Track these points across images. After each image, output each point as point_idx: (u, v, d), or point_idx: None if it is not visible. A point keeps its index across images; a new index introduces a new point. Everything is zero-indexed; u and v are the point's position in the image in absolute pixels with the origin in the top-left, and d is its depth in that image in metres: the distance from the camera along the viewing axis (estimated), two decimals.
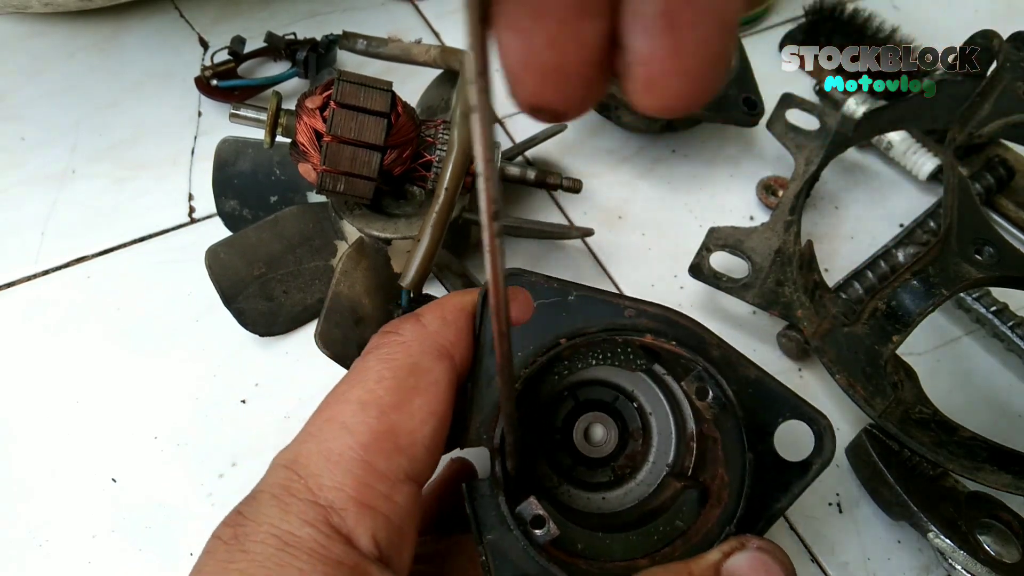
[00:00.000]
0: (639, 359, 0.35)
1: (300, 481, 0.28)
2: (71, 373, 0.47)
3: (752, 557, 0.29)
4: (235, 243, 0.48)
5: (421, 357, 0.31)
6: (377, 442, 0.29)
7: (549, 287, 0.33)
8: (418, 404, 0.30)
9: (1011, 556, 0.41)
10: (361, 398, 0.30)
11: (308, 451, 0.29)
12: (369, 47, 0.53)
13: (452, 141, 0.44)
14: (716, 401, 0.32)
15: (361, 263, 0.46)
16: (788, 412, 0.33)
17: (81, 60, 0.62)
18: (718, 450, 0.33)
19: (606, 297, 0.34)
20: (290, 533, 0.26)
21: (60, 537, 0.42)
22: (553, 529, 0.30)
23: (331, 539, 0.27)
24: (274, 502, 0.27)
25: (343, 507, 0.27)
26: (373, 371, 0.30)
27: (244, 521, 0.27)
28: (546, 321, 0.33)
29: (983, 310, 0.52)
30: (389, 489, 0.28)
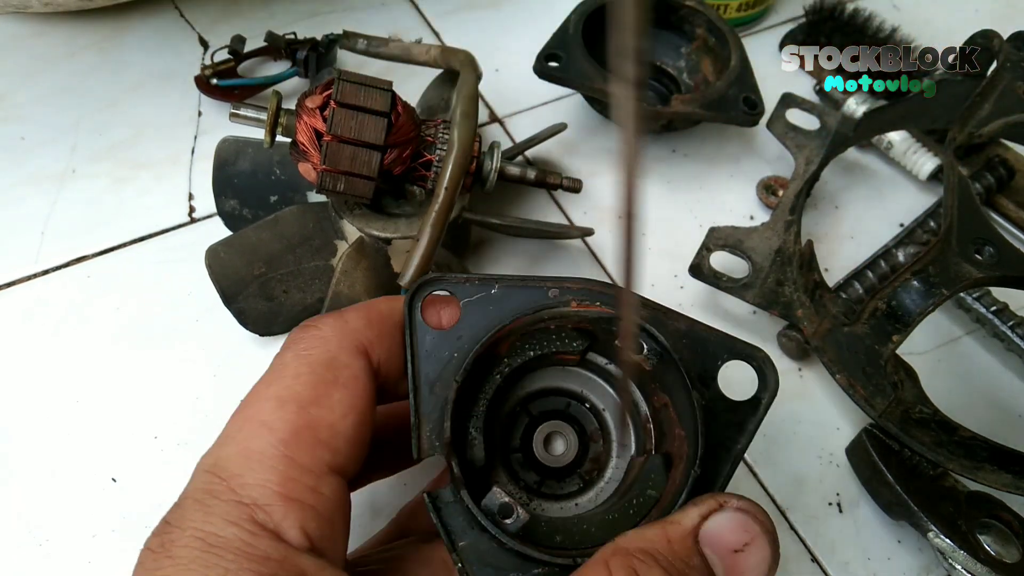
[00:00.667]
0: (574, 341, 0.35)
1: (222, 483, 0.28)
2: (71, 373, 0.47)
3: (731, 518, 0.28)
4: (235, 243, 0.48)
5: (339, 352, 0.31)
6: (297, 437, 0.29)
7: (471, 284, 0.33)
8: (337, 398, 0.30)
9: (1011, 556, 0.41)
10: (279, 395, 0.30)
11: (228, 453, 0.29)
12: (369, 47, 0.53)
13: (452, 140, 0.44)
14: (652, 352, 0.33)
15: (361, 263, 0.46)
16: (726, 354, 0.33)
17: (81, 60, 0.62)
18: (671, 412, 0.33)
19: (528, 283, 0.34)
20: (214, 534, 0.26)
21: (60, 537, 0.42)
22: (523, 515, 0.30)
23: (256, 536, 0.27)
24: (197, 506, 0.27)
25: (268, 503, 0.27)
26: (290, 367, 0.30)
27: (170, 529, 0.27)
28: (475, 319, 0.33)
29: (983, 310, 0.52)
30: (314, 482, 0.28)
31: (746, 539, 0.28)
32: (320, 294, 0.47)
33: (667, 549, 0.28)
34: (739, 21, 0.68)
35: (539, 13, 0.64)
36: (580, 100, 0.62)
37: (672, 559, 0.27)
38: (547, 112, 0.62)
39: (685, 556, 0.28)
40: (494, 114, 0.62)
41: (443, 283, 0.33)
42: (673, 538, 0.28)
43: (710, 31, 0.60)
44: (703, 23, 0.60)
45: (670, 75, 0.62)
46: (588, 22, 0.57)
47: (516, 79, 0.62)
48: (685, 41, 0.62)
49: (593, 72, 0.54)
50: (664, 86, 0.62)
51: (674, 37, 0.62)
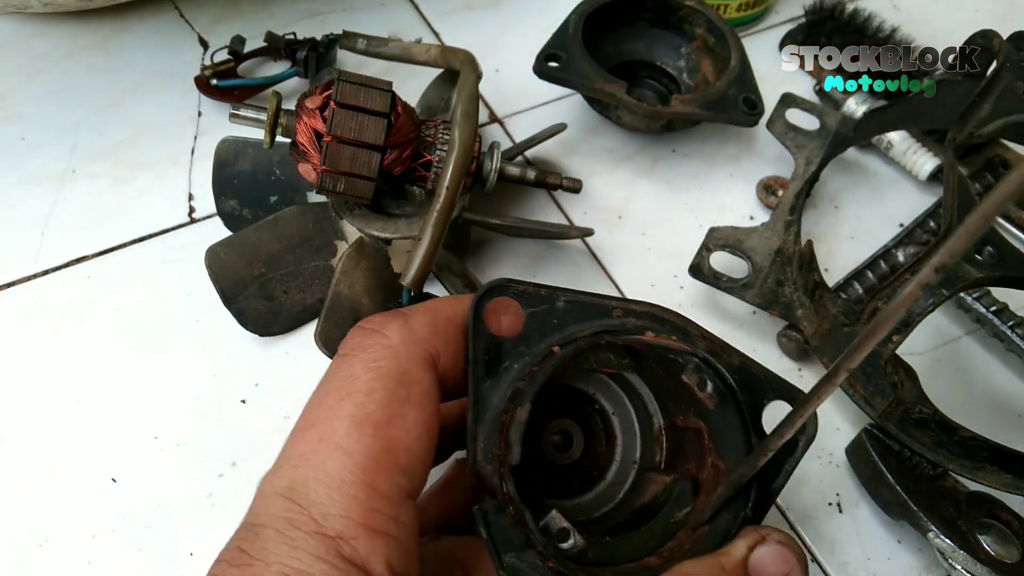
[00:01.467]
0: (623, 359, 0.35)
1: (303, 512, 0.26)
2: (71, 373, 0.47)
3: (774, 550, 0.30)
4: (235, 243, 0.48)
5: (410, 365, 0.30)
6: (376, 463, 0.27)
7: (537, 295, 0.33)
8: (412, 418, 0.29)
9: (1011, 556, 0.41)
10: (353, 414, 0.28)
11: (305, 477, 0.27)
12: (369, 47, 0.53)
13: (453, 140, 0.44)
14: (716, 390, 0.33)
15: (361, 263, 0.46)
16: (772, 393, 0.33)
17: (81, 60, 0.62)
18: (704, 440, 0.33)
19: (594, 300, 0.33)
20: (303, 572, 0.25)
21: (60, 537, 0.42)
22: (579, 540, 0.30)
23: (346, 573, 0.26)
24: (280, 537, 0.26)
25: (353, 536, 0.26)
26: (361, 381, 0.29)
27: (251, 561, 0.26)
28: (538, 330, 0.32)
29: (983, 310, 0.52)
30: (395, 511, 0.27)
31: (786, 570, 0.30)
32: (320, 294, 0.47)
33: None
34: (739, 21, 0.68)
35: (539, 13, 0.64)
36: (580, 100, 0.62)
37: None
38: (547, 112, 0.62)
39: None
40: (494, 114, 0.62)
41: (510, 290, 0.33)
42: (727, 568, 0.29)
43: (710, 31, 0.60)
44: (703, 23, 0.60)
45: (670, 75, 0.62)
46: (588, 22, 0.57)
47: (516, 79, 0.62)
48: (685, 41, 0.62)
49: (593, 72, 0.54)
50: (664, 86, 0.62)
51: (674, 37, 0.62)
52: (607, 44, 0.60)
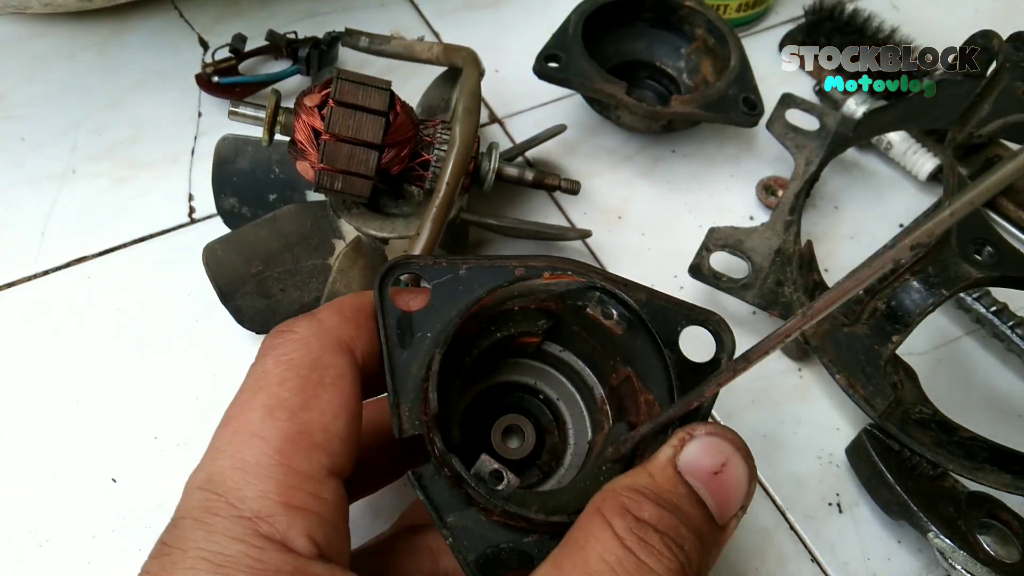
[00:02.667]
0: (539, 320, 0.35)
1: (219, 499, 0.27)
2: (71, 373, 0.47)
3: (703, 443, 0.29)
4: (233, 241, 0.48)
5: (321, 352, 0.30)
6: (292, 443, 0.28)
7: (439, 267, 0.34)
8: (327, 399, 0.29)
9: (1011, 556, 0.41)
10: (266, 403, 0.29)
11: (221, 467, 0.28)
12: (372, 44, 0.53)
13: (454, 136, 0.44)
14: (622, 317, 0.34)
15: (358, 262, 0.46)
16: (684, 320, 0.34)
17: (81, 60, 0.62)
18: (634, 383, 0.34)
19: (495, 261, 0.34)
20: (220, 553, 0.26)
21: (60, 537, 0.42)
22: (513, 479, 0.30)
23: (264, 550, 0.26)
24: (196, 525, 0.26)
25: (271, 514, 0.27)
26: (273, 374, 0.29)
27: (169, 550, 0.26)
28: (444, 300, 0.33)
29: (983, 310, 0.52)
30: (315, 487, 0.28)
31: (722, 460, 0.29)
32: (317, 293, 0.47)
33: (652, 483, 0.28)
34: (739, 21, 0.68)
35: (539, 13, 0.65)
36: (580, 100, 0.62)
37: (659, 491, 0.28)
38: (547, 113, 0.62)
39: (671, 486, 0.28)
40: (494, 115, 0.62)
41: (411, 266, 0.34)
42: (654, 472, 0.29)
43: (710, 31, 0.60)
44: (703, 23, 0.60)
45: (670, 76, 0.62)
46: (588, 22, 0.57)
47: (516, 79, 0.62)
48: (685, 42, 0.62)
49: (593, 73, 0.54)
50: (664, 87, 0.62)
51: (674, 38, 0.62)
52: (607, 44, 0.60)
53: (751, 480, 0.29)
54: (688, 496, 0.28)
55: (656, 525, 0.27)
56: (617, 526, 0.27)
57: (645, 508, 0.27)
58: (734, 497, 0.29)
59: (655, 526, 0.27)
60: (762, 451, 0.48)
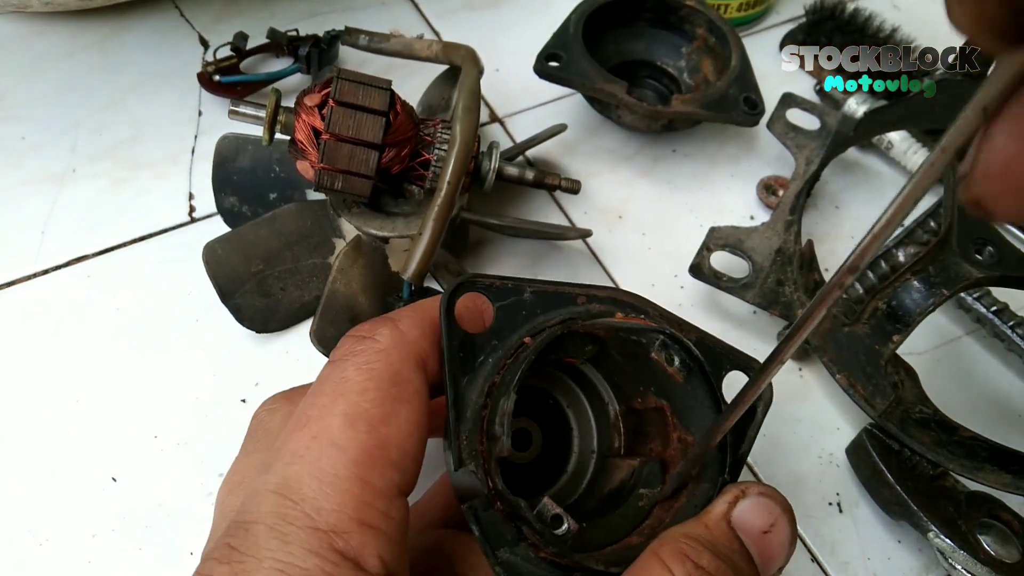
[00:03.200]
0: (586, 346, 0.35)
1: (296, 507, 0.26)
2: (71, 372, 0.47)
3: (756, 502, 0.30)
4: (233, 239, 0.48)
5: (402, 366, 0.30)
6: (370, 458, 0.28)
7: (504, 288, 0.33)
8: (404, 416, 0.29)
9: (1011, 556, 0.41)
10: (347, 412, 0.28)
11: (298, 473, 0.27)
12: (371, 43, 0.53)
13: (454, 135, 0.44)
14: (683, 364, 0.34)
15: (358, 261, 0.46)
16: (728, 364, 0.34)
17: (81, 60, 0.62)
18: (667, 417, 0.34)
19: (559, 288, 0.34)
20: (296, 566, 0.25)
21: (60, 536, 0.42)
22: (572, 524, 0.30)
23: (339, 566, 0.25)
24: (271, 533, 0.26)
25: (346, 530, 0.26)
26: (354, 382, 0.29)
27: (241, 557, 0.26)
28: (508, 323, 0.33)
29: (983, 310, 0.52)
30: (387, 506, 0.28)
31: (771, 520, 0.30)
32: (318, 292, 0.47)
33: (708, 535, 0.29)
34: (739, 21, 0.68)
35: (539, 13, 0.65)
36: (580, 100, 0.62)
37: (715, 543, 0.29)
38: (548, 112, 0.62)
39: (726, 540, 0.29)
40: (494, 114, 0.62)
41: (477, 285, 0.33)
42: (710, 525, 0.29)
43: (710, 31, 0.60)
44: (703, 23, 0.60)
45: (670, 75, 0.62)
46: (588, 22, 0.57)
47: (516, 79, 0.62)
48: (686, 41, 0.62)
49: (593, 72, 0.54)
50: (664, 86, 0.62)
51: (674, 37, 0.62)
52: (607, 44, 0.60)
53: (793, 542, 0.30)
54: (741, 552, 0.29)
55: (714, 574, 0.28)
56: (677, 571, 0.27)
57: (704, 557, 0.28)
58: (778, 556, 0.30)
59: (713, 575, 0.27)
60: (762, 451, 0.48)
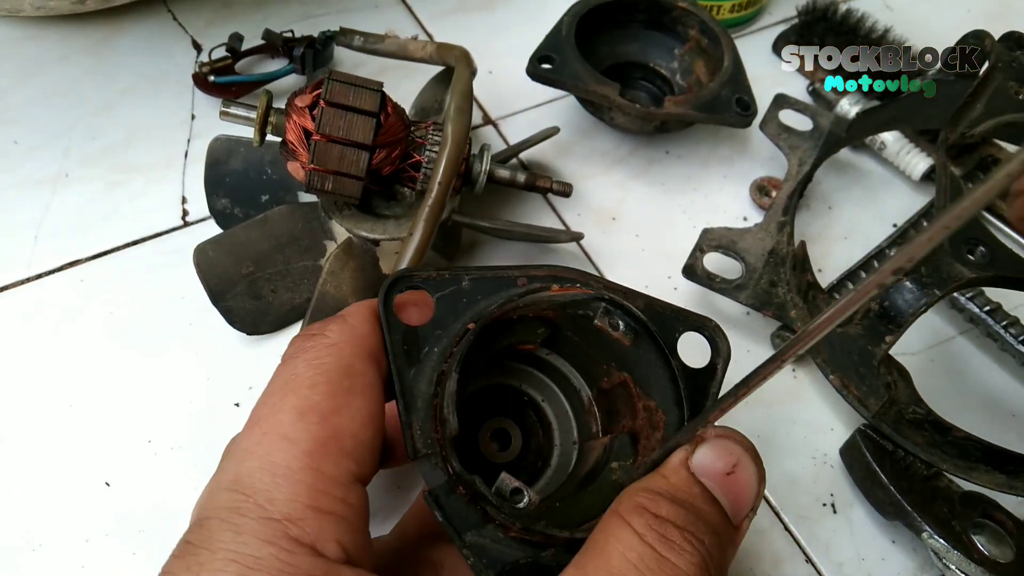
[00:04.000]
0: (538, 329, 0.36)
1: (248, 500, 0.27)
2: (64, 377, 0.47)
3: (714, 445, 0.29)
4: (224, 241, 0.48)
5: (353, 359, 0.30)
6: (322, 448, 0.28)
7: (441, 279, 0.34)
8: (356, 407, 0.29)
9: (1005, 556, 0.41)
10: (297, 406, 0.29)
11: (250, 468, 0.27)
12: (366, 43, 0.53)
13: (446, 135, 0.43)
14: (628, 327, 0.34)
15: (349, 263, 0.46)
16: (681, 326, 0.35)
17: (74, 63, 0.62)
18: (631, 388, 0.34)
19: (497, 273, 0.34)
20: (250, 555, 0.25)
21: (54, 541, 0.42)
22: (533, 496, 0.30)
23: (294, 553, 0.26)
24: (224, 526, 0.26)
25: (301, 517, 0.26)
26: (305, 377, 0.29)
27: (195, 550, 0.26)
28: (450, 312, 0.33)
29: (976, 310, 0.52)
30: (343, 492, 0.28)
31: (733, 460, 0.29)
32: (309, 294, 0.47)
33: (668, 484, 0.29)
34: (732, 22, 0.68)
35: (532, 15, 0.65)
36: (573, 102, 0.62)
37: (675, 491, 0.28)
38: (541, 114, 0.62)
39: (686, 486, 0.29)
40: (487, 116, 0.62)
41: (414, 279, 0.34)
42: (668, 474, 0.29)
43: (703, 32, 0.60)
44: (696, 24, 0.60)
45: (663, 77, 0.62)
46: (581, 24, 0.57)
47: (509, 81, 0.62)
48: (678, 42, 0.62)
49: (586, 74, 0.54)
50: (657, 88, 0.62)
51: (667, 39, 0.62)
52: (600, 46, 0.60)
53: (761, 480, 0.30)
54: (703, 495, 0.29)
55: (675, 522, 0.27)
56: (636, 524, 0.27)
57: (663, 506, 0.28)
58: (746, 496, 0.29)
59: (674, 522, 0.27)
60: None
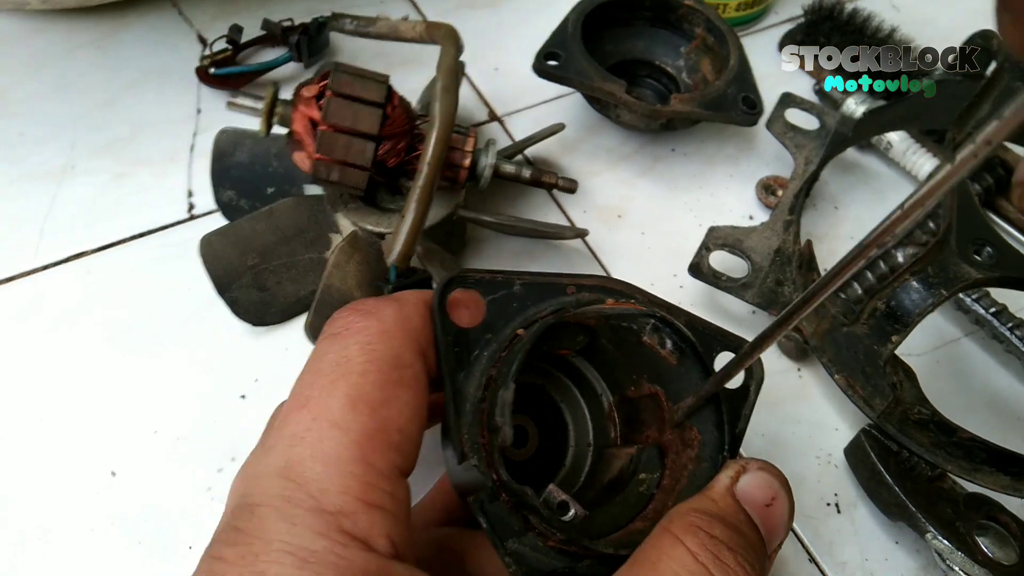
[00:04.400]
0: (577, 336, 0.36)
1: (300, 489, 0.26)
2: (70, 368, 0.47)
3: (757, 476, 0.30)
4: (229, 233, 0.48)
5: (404, 350, 0.30)
6: (372, 440, 0.27)
7: (495, 281, 0.34)
8: (405, 400, 0.29)
9: (1008, 558, 0.41)
10: (348, 393, 0.28)
11: (301, 456, 0.27)
12: (358, 27, 0.53)
13: (433, 115, 0.42)
14: (675, 346, 0.34)
15: (354, 256, 0.46)
16: (719, 346, 0.35)
17: (80, 57, 0.62)
18: (662, 402, 0.35)
19: (548, 279, 0.34)
20: (305, 548, 0.25)
21: (59, 530, 0.42)
22: (579, 510, 0.31)
23: (348, 547, 0.25)
24: (278, 515, 0.26)
25: (353, 511, 0.26)
26: (356, 362, 0.29)
27: (248, 539, 0.25)
28: (500, 315, 0.33)
29: (982, 311, 0.52)
30: (391, 487, 0.27)
31: (772, 494, 0.30)
32: (313, 286, 0.47)
33: (716, 507, 0.29)
34: (738, 20, 0.68)
35: (538, 12, 0.64)
36: (579, 99, 0.62)
37: (725, 515, 0.29)
38: (547, 111, 0.62)
39: (733, 512, 0.29)
40: (493, 112, 0.62)
41: (468, 280, 0.33)
42: (717, 498, 0.30)
43: (709, 30, 0.60)
44: (702, 22, 0.60)
45: (669, 74, 0.62)
46: (587, 21, 0.57)
47: (515, 78, 0.62)
48: (684, 40, 0.62)
49: (592, 71, 0.54)
50: (663, 85, 0.62)
51: (673, 36, 0.62)
52: (606, 43, 0.60)
53: (792, 515, 0.31)
54: (748, 522, 0.29)
55: (728, 543, 0.28)
56: (690, 543, 0.28)
57: (716, 528, 0.28)
58: (779, 529, 0.30)
59: (727, 544, 0.28)
60: (760, 451, 0.48)
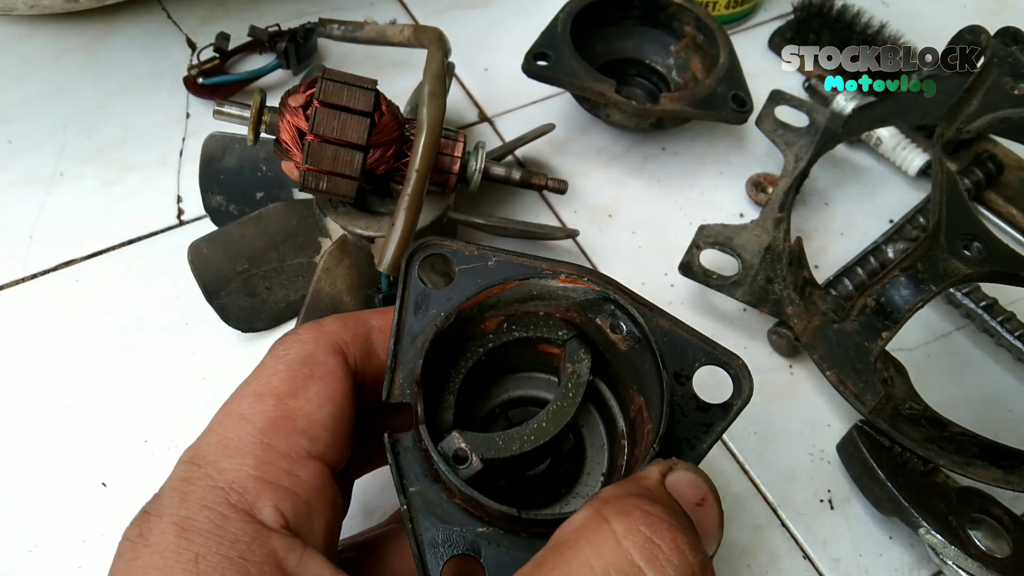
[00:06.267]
0: (560, 330, 0.35)
1: (199, 470, 0.29)
2: (60, 377, 0.47)
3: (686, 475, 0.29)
4: (218, 239, 0.48)
5: (315, 350, 0.32)
6: (275, 426, 0.30)
7: (470, 254, 0.34)
8: (314, 390, 0.31)
9: (1001, 551, 0.41)
10: (257, 390, 0.31)
11: (207, 443, 0.30)
12: (345, 32, 0.53)
13: (420, 121, 0.42)
14: (630, 335, 0.34)
15: (343, 261, 0.46)
16: (704, 358, 0.33)
17: (68, 62, 0.61)
18: (644, 415, 0.33)
19: (524, 260, 0.34)
20: (189, 519, 0.27)
21: (50, 542, 0.42)
22: (476, 463, 0.31)
23: (228, 518, 0.27)
24: (174, 494, 0.28)
25: (243, 485, 0.28)
26: (268, 367, 0.32)
27: (147, 517, 0.28)
28: (466, 284, 0.34)
29: (973, 305, 0.52)
30: (290, 465, 0.29)
31: (702, 495, 0.29)
32: (303, 291, 0.47)
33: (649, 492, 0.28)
34: (727, 18, 0.68)
35: (528, 12, 0.64)
36: (569, 99, 0.62)
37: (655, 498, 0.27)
38: (536, 111, 0.62)
39: (667, 498, 0.28)
40: (483, 113, 0.62)
41: (443, 247, 0.34)
42: (649, 486, 0.28)
43: (699, 29, 0.60)
44: (691, 21, 0.60)
45: (659, 73, 0.62)
46: (577, 21, 0.57)
47: (505, 78, 0.62)
48: (674, 39, 0.62)
49: (582, 71, 0.54)
50: (653, 84, 0.62)
51: (663, 35, 0.62)
52: (596, 42, 0.60)
53: (721, 526, 0.29)
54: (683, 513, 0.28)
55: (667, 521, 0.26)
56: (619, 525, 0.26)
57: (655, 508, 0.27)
58: (712, 534, 0.29)
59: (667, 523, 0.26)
60: (753, 448, 0.48)
